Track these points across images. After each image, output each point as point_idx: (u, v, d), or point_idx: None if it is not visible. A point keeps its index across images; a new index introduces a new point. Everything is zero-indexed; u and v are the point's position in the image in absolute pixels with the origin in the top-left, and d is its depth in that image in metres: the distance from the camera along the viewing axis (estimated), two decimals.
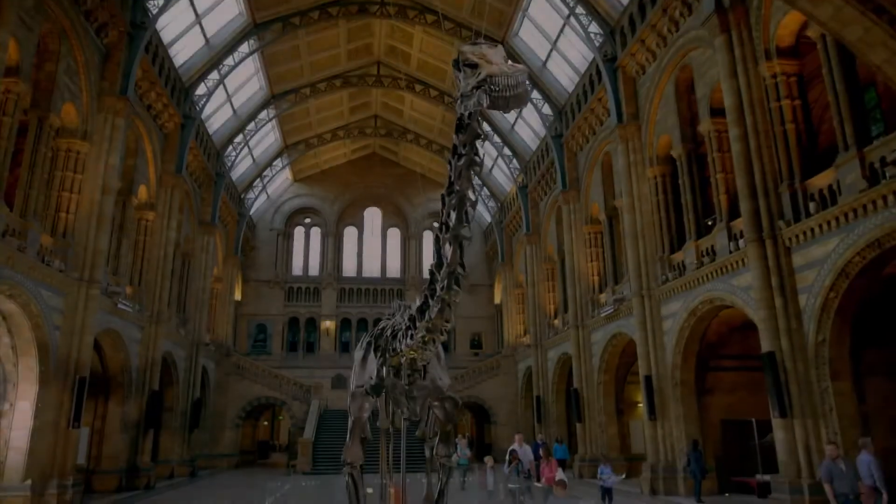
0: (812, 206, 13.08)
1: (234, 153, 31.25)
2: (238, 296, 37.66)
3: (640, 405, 24.06)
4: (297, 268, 41.32)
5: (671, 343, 18.46)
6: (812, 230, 12.99)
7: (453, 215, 4.31)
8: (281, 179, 40.73)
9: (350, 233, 42.81)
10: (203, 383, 29.90)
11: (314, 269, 41.39)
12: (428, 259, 42.56)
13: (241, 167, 34.30)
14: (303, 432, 30.57)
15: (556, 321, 29.99)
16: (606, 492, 14.01)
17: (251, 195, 36.86)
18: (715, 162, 16.98)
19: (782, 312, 13.43)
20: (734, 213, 16.27)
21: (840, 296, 12.50)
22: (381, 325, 9.25)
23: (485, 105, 3.53)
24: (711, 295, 16.57)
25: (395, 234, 43.28)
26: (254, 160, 35.39)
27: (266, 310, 39.45)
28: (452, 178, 4.23)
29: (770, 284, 13.72)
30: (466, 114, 3.97)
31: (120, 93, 18.84)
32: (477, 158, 4.05)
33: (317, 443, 29.46)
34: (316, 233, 42.30)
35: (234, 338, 36.05)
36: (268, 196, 40.49)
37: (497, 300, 41.10)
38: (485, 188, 39.16)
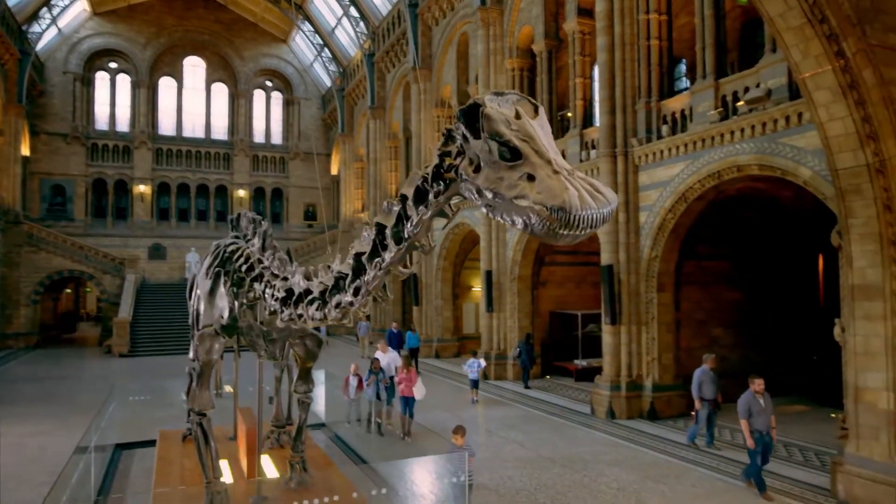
0: (665, 129, 13.49)
1: None
2: (26, 151, 31.78)
3: (474, 289, 25.26)
4: (101, 122, 35.60)
5: (513, 240, 19.05)
6: (662, 152, 13.51)
7: (395, 258, 3.38)
8: (76, 11, 33.59)
9: (167, 84, 37.41)
10: None
11: (123, 125, 36.01)
12: (260, 120, 39.16)
13: None
14: (117, 309, 28.04)
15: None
16: (474, 383, 15.52)
17: (36, 28, 30.04)
18: (576, 65, 16.71)
19: (623, 228, 14.18)
20: (588, 120, 16.42)
21: (677, 217, 13.42)
22: (229, 246, 8.02)
23: (535, 233, 2.32)
24: None
25: (221, 90, 38.69)
26: None
27: (64, 169, 34.03)
28: (408, 223, 3.21)
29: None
30: (473, 196, 2.59)
31: None
32: (449, 212, 3.07)
33: (135, 322, 27.26)
34: (124, 81, 36.31)
35: (23, 201, 30.86)
36: (59, 31, 33.39)
37: (335, 171, 39.46)
38: (326, 49, 35.98)
